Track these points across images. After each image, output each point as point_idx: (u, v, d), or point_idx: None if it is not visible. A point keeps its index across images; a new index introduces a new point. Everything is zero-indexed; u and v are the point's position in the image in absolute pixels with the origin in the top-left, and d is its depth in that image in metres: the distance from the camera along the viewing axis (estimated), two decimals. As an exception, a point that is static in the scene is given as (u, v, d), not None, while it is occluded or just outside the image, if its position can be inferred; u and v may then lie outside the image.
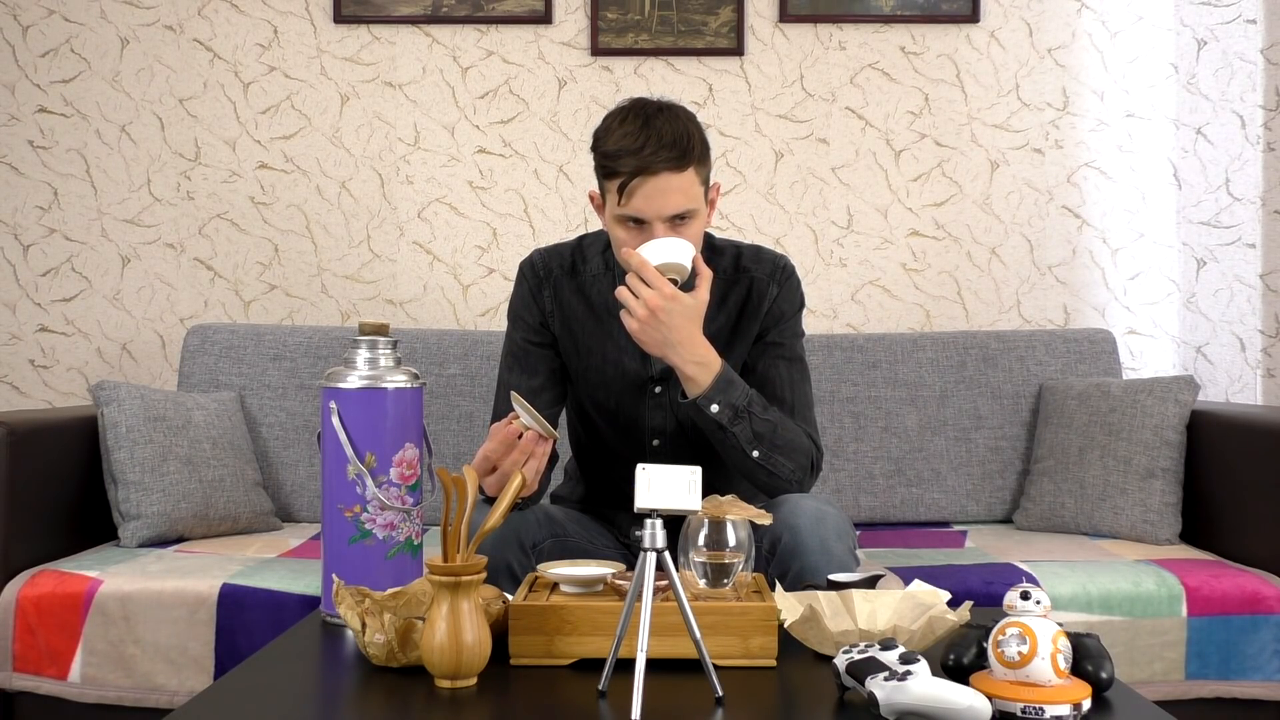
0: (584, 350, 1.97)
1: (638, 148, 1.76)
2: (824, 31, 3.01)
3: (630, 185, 1.77)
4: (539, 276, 2.00)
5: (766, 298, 1.96)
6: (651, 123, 1.77)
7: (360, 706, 1.33)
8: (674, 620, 1.43)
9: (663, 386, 1.96)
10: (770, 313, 1.96)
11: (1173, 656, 2.13)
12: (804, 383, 1.97)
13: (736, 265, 1.98)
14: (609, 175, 1.81)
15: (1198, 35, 3.00)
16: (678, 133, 1.77)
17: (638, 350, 1.94)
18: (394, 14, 2.98)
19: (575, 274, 2.00)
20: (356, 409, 1.66)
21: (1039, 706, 1.24)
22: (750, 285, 1.97)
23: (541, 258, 2.02)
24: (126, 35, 3.00)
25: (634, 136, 1.77)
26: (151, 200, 3.02)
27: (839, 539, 1.77)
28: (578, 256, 2.01)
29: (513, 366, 1.99)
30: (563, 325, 1.99)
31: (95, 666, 2.10)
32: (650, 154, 1.75)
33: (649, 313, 1.72)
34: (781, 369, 1.95)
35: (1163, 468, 2.47)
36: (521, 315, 2.00)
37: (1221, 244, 3.01)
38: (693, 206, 1.81)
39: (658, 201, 1.77)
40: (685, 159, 1.77)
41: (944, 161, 3.02)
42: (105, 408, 2.41)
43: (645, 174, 1.76)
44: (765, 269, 1.98)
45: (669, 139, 1.76)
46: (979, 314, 3.03)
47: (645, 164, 1.76)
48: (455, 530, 1.42)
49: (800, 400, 1.95)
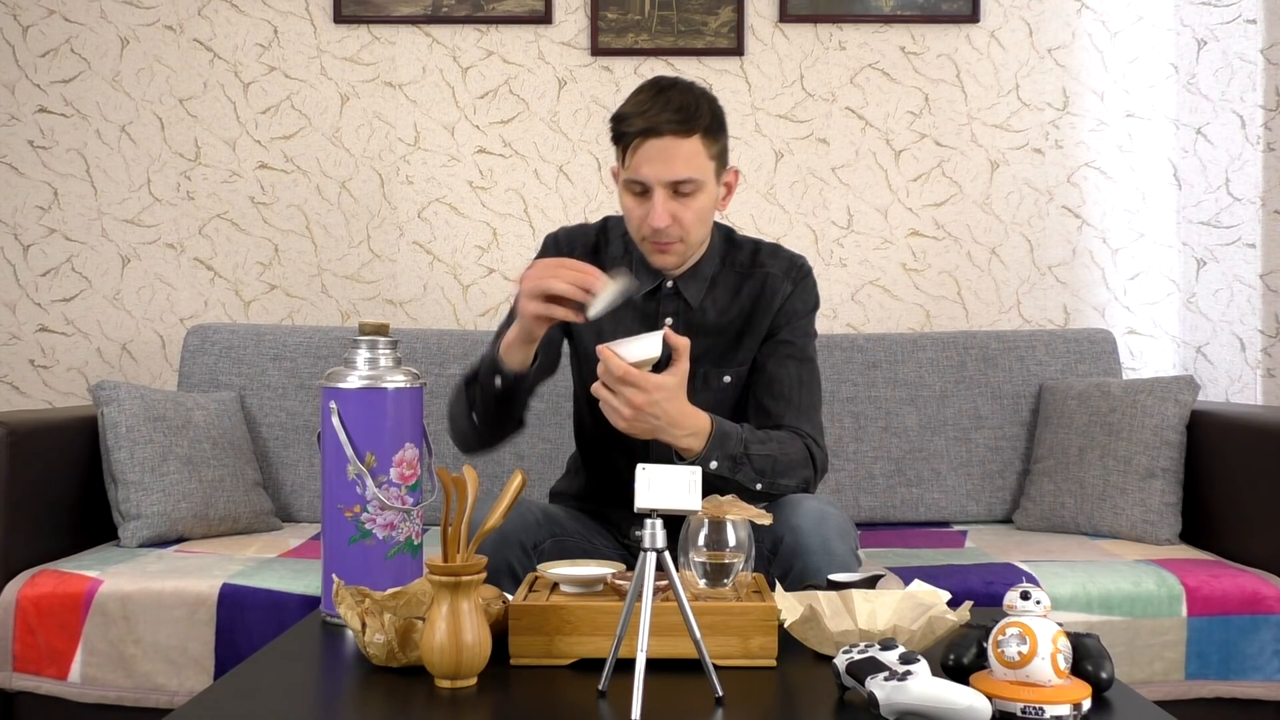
0: (594, 329, 1.97)
1: (645, 109, 1.81)
2: (824, 31, 3.01)
3: (634, 145, 1.81)
4: (560, 252, 2.01)
5: (779, 294, 1.97)
6: (664, 91, 1.83)
7: (360, 706, 1.33)
8: (674, 620, 1.42)
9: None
10: (782, 310, 1.97)
11: (1173, 656, 2.13)
12: (813, 384, 1.97)
13: (754, 260, 2.00)
14: (618, 139, 1.86)
15: (1198, 35, 3.00)
16: (686, 101, 1.82)
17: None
18: (394, 14, 2.98)
19: (596, 254, 2.01)
20: (356, 409, 1.66)
21: (1039, 706, 1.24)
22: (765, 280, 1.98)
23: (566, 234, 2.05)
24: (126, 35, 3.01)
25: (644, 101, 1.83)
26: (151, 200, 3.02)
27: (841, 539, 1.77)
28: (601, 238, 2.03)
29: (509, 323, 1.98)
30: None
31: (95, 666, 2.10)
32: (655, 114, 1.80)
33: (634, 411, 1.69)
34: (791, 368, 1.95)
35: (1163, 468, 2.47)
36: None
37: (1221, 244, 3.01)
38: (696, 176, 1.82)
39: (659, 165, 1.80)
40: (690, 124, 1.80)
41: (944, 161, 3.02)
42: (105, 408, 2.41)
43: (649, 135, 1.80)
44: (781, 265, 1.99)
45: (676, 104, 1.81)
46: (979, 314, 3.03)
47: (650, 124, 1.80)
48: (455, 530, 1.42)
49: (806, 401, 1.95)
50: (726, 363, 1.97)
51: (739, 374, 1.98)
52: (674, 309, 1.97)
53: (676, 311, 1.97)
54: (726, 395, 1.98)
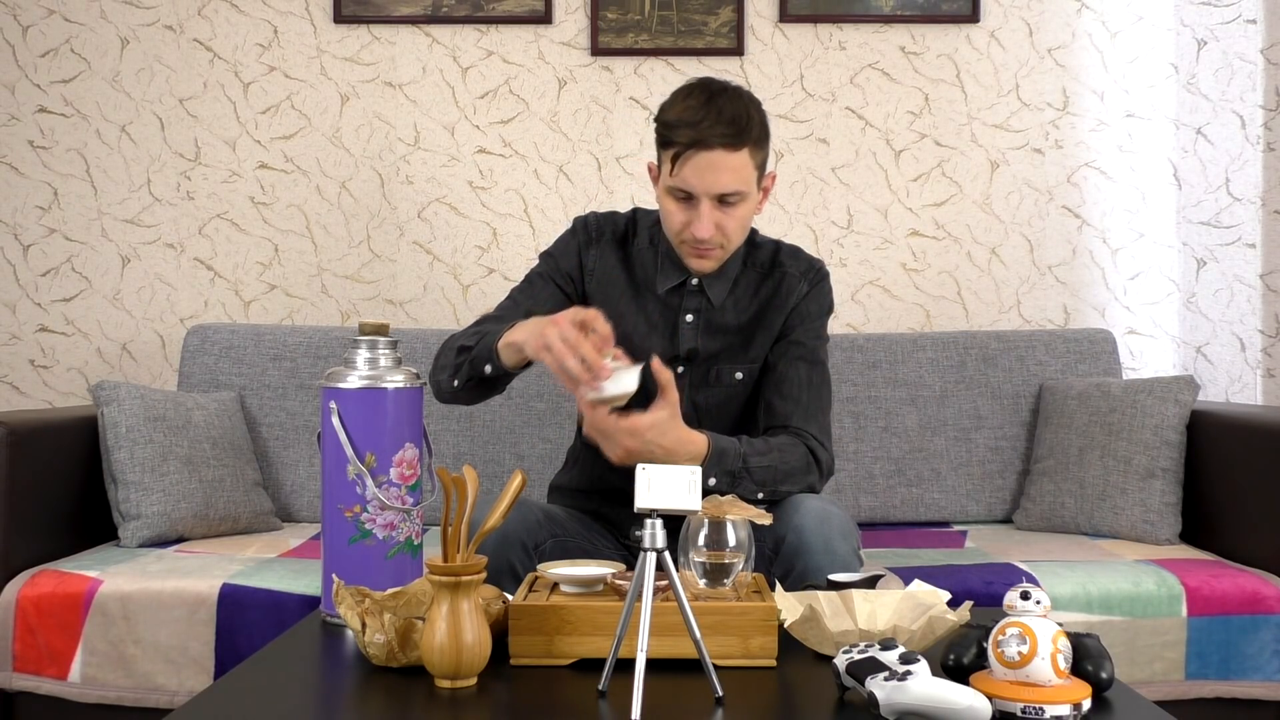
0: (615, 317, 1.95)
1: (696, 120, 1.79)
2: (824, 31, 3.01)
3: (683, 156, 1.80)
4: (590, 236, 2.03)
5: (795, 294, 1.98)
6: (715, 100, 1.81)
7: (360, 706, 1.33)
8: (674, 620, 1.43)
9: (685, 367, 1.97)
10: (796, 310, 1.98)
11: (1173, 656, 2.13)
12: (822, 387, 1.98)
13: (773, 260, 2.02)
14: (665, 145, 1.84)
15: (1198, 35, 3.00)
16: (737, 112, 1.80)
17: (666, 328, 1.98)
18: (394, 14, 2.98)
19: (624, 243, 2.03)
20: (356, 409, 1.66)
21: (1039, 706, 1.24)
22: (782, 280, 1.99)
23: (597, 220, 2.05)
24: (126, 35, 3.00)
25: (695, 110, 1.80)
26: (151, 200, 3.02)
27: (843, 539, 1.77)
28: (630, 227, 2.04)
29: (525, 289, 2.02)
30: (599, 287, 2.01)
31: (95, 666, 2.10)
32: (707, 128, 1.78)
33: (626, 453, 1.70)
34: (801, 370, 1.96)
35: (1163, 468, 2.47)
36: (558, 259, 2.03)
37: (1221, 244, 3.01)
38: (742, 189, 1.83)
39: (708, 177, 1.80)
40: (741, 139, 1.80)
41: (944, 161, 3.02)
42: (105, 408, 2.41)
43: (699, 147, 1.79)
44: (800, 267, 2.01)
45: (728, 116, 1.79)
46: (979, 314, 3.03)
47: (701, 137, 1.79)
48: (455, 530, 1.42)
49: (814, 403, 1.95)
50: (739, 360, 1.98)
51: (751, 371, 1.99)
52: (696, 305, 1.98)
53: (698, 308, 1.97)
54: (738, 392, 1.99)
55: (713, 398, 1.98)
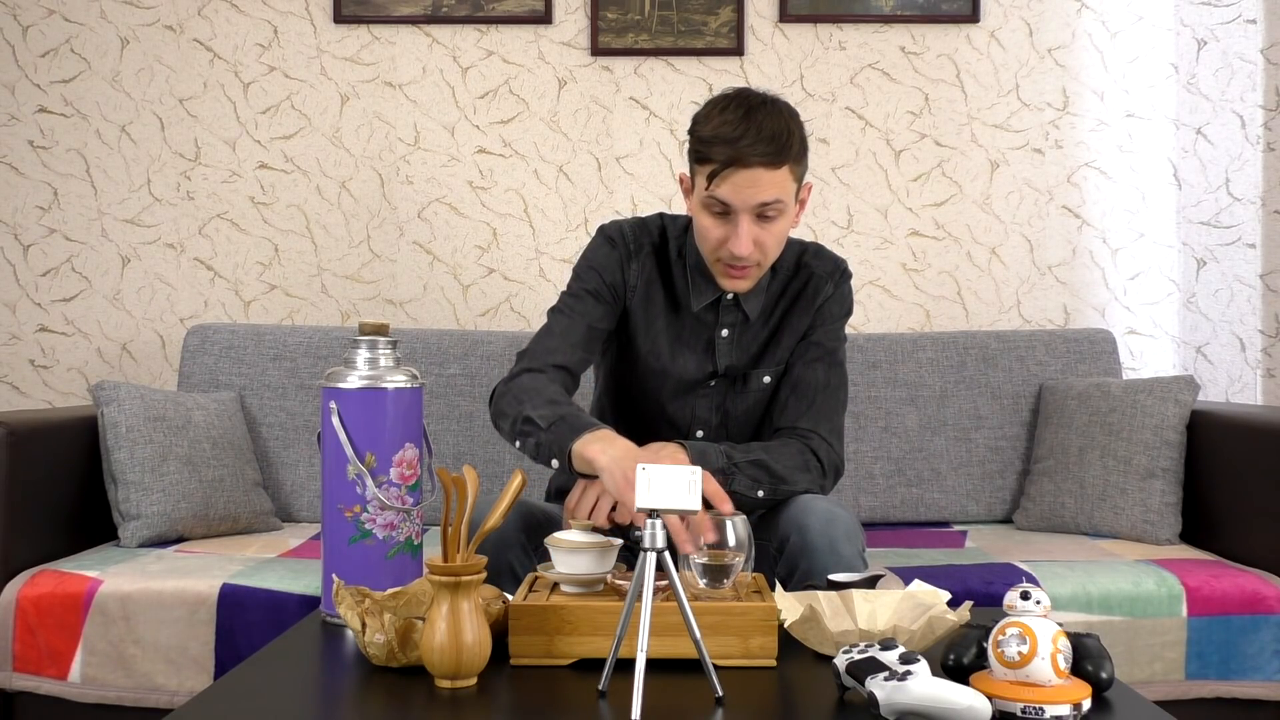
0: (654, 333, 1.94)
1: (735, 137, 1.72)
2: (824, 31, 3.01)
3: (721, 173, 1.74)
4: (629, 249, 1.94)
5: (821, 294, 1.96)
6: (753, 114, 1.74)
7: (360, 706, 1.33)
8: (674, 620, 1.43)
9: (717, 380, 1.96)
10: (821, 310, 1.96)
11: (1173, 656, 2.13)
12: (839, 389, 1.97)
13: (798, 261, 1.98)
14: (702, 160, 1.77)
15: (1198, 35, 3.00)
16: (777, 129, 1.73)
17: (700, 345, 1.94)
18: (394, 14, 2.98)
19: (662, 256, 1.96)
20: (356, 409, 1.66)
21: (1039, 706, 1.24)
22: (809, 280, 1.97)
23: (632, 230, 1.96)
24: (126, 35, 3.00)
25: (733, 125, 1.73)
26: (151, 200, 3.02)
27: (848, 540, 1.77)
28: (662, 239, 1.97)
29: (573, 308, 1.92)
30: (641, 303, 1.95)
31: (95, 666, 2.10)
32: (747, 146, 1.72)
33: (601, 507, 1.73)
34: (819, 371, 1.95)
35: (1163, 468, 2.47)
36: (602, 272, 1.93)
37: (1221, 244, 3.01)
38: (782, 198, 1.77)
39: (746, 193, 1.74)
40: (781, 156, 1.74)
41: (944, 161, 3.02)
42: (105, 408, 2.41)
43: (738, 165, 1.73)
44: (826, 266, 1.98)
45: (768, 133, 1.72)
46: (979, 314, 3.03)
47: (740, 155, 1.72)
48: (455, 530, 1.42)
49: (828, 404, 1.94)
50: (767, 364, 1.97)
51: (777, 373, 1.97)
52: (731, 320, 1.95)
53: (734, 323, 1.95)
54: (765, 395, 1.98)
55: (742, 404, 1.97)
